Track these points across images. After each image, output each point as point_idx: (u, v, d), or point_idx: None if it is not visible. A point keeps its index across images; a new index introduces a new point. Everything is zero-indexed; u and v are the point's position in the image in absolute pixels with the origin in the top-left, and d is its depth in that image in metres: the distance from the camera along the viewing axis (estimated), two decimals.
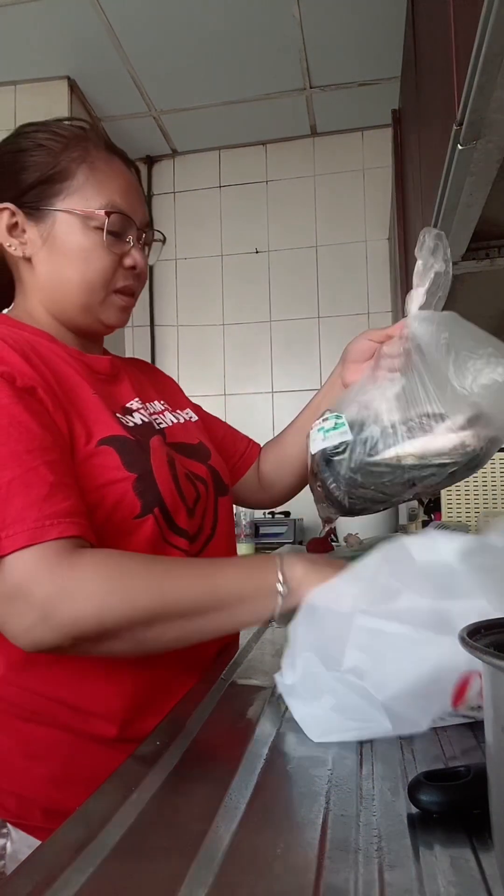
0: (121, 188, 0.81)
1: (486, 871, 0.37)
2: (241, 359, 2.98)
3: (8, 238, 0.80)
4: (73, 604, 0.61)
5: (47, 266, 0.80)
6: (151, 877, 0.37)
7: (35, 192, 0.79)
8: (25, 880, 0.37)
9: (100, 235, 0.79)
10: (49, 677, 0.73)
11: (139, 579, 0.64)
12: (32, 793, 0.73)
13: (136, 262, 0.82)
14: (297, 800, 0.46)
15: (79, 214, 0.78)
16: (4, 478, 0.63)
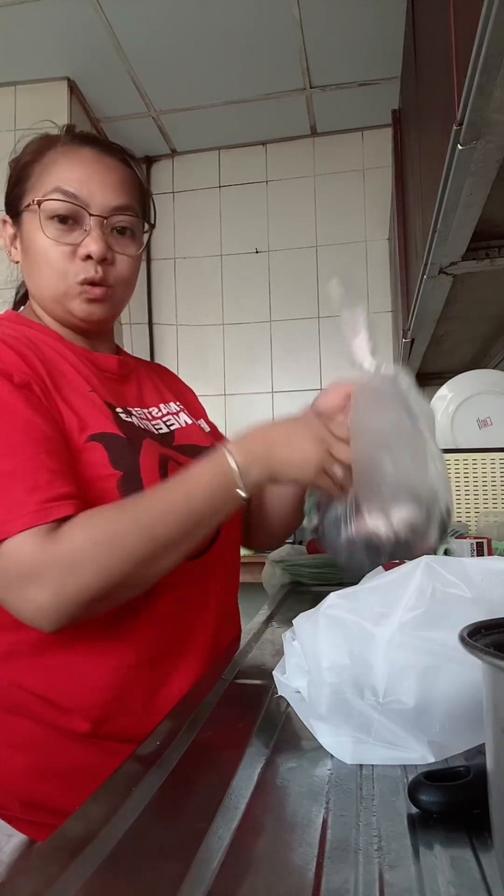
0: (73, 175, 0.78)
1: (486, 871, 0.37)
2: (241, 358, 2.98)
3: (10, 247, 0.85)
4: (80, 578, 0.63)
5: (25, 269, 0.84)
6: (151, 877, 0.37)
7: (10, 200, 0.83)
8: (26, 880, 0.37)
9: (52, 225, 0.78)
10: (27, 670, 0.74)
11: (128, 532, 0.67)
12: (11, 783, 0.73)
13: (89, 251, 0.78)
14: (297, 800, 0.46)
15: (30, 210, 0.79)
16: (7, 465, 0.65)
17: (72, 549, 0.64)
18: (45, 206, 0.78)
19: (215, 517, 0.72)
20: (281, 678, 0.62)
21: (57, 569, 0.63)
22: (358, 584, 0.59)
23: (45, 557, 0.63)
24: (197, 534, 0.71)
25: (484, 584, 0.53)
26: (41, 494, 0.65)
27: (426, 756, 0.50)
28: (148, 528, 0.67)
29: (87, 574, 0.64)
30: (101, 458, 0.74)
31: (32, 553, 0.63)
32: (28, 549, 0.63)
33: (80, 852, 0.39)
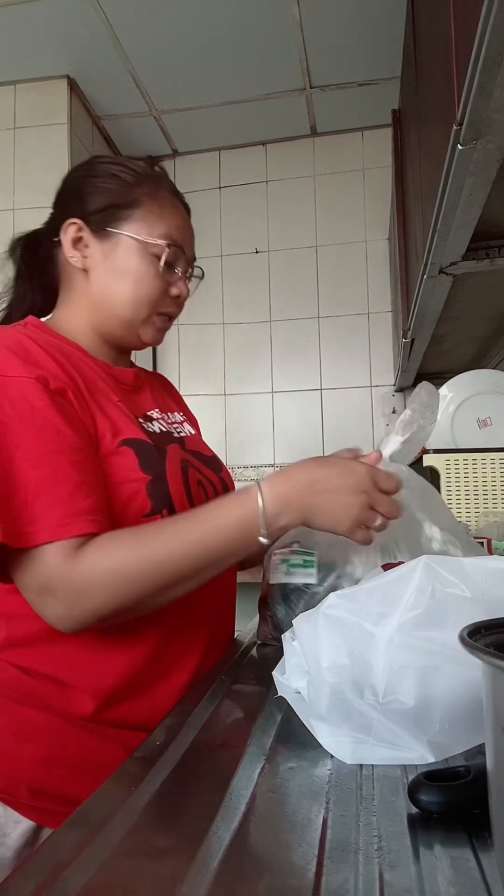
0: (179, 226, 0.90)
1: (486, 871, 0.37)
2: (241, 358, 2.98)
3: (72, 250, 0.88)
4: (91, 602, 0.69)
5: (103, 280, 0.88)
6: (151, 877, 0.37)
7: (104, 214, 0.87)
8: (26, 880, 0.37)
9: (155, 262, 0.87)
10: (40, 656, 0.78)
11: (139, 563, 0.70)
12: (20, 771, 0.76)
13: (181, 292, 0.91)
14: (297, 800, 0.46)
15: (141, 240, 0.87)
16: (34, 476, 0.69)
17: (86, 575, 0.68)
18: (153, 247, 0.87)
19: (232, 559, 0.74)
20: (281, 678, 0.62)
21: (71, 590, 0.68)
22: (358, 584, 0.59)
23: (61, 576, 0.68)
24: (210, 572, 0.74)
25: (483, 584, 0.53)
26: (60, 510, 0.69)
27: (426, 756, 0.50)
28: (163, 565, 0.70)
29: (98, 599, 0.69)
30: (132, 463, 0.79)
31: (51, 568, 0.68)
32: (48, 563, 0.68)
33: (81, 852, 0.39)
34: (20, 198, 2.57)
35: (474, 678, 0.45)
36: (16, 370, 0.74)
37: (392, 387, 2.81)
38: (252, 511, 0.71)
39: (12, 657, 0.79)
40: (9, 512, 0.67)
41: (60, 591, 0.68)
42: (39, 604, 0.70)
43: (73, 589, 0.68)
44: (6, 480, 0.68)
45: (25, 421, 0.71)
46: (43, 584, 0.69)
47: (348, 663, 0.53)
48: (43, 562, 0.68)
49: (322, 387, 2.90)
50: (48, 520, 0.68)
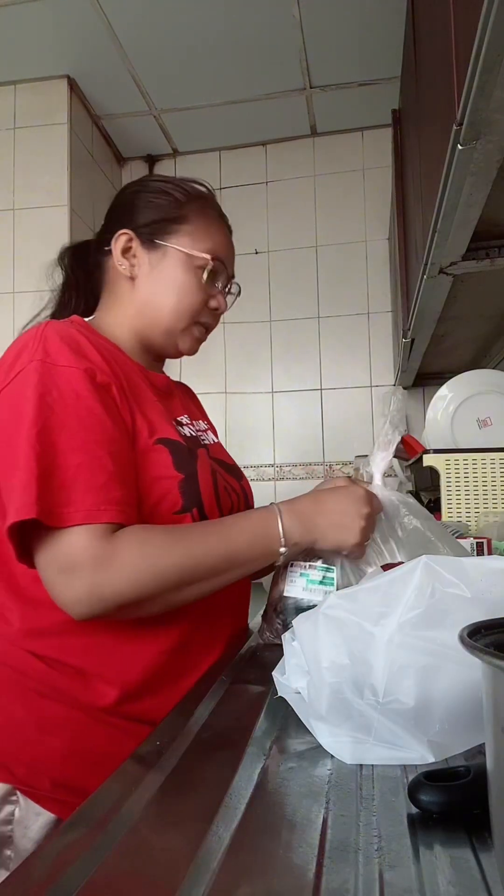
0: (223, 244, 0.96)
1: (486, 871, 0.37)
2: (242, 358, 2.98)
3: (121, 258, 0.93)
4: (115, 584, 0.71)
5: (148, 288, 0.93)
6: (151, 877, 0.37)
7: (154, 227, 0.93)
8: (26, 880, 0.37)
9: (199, 275, 0.93)
10: (64, 643, 0.79)
11: (168, 556, 0.74)
12: (42, 763, 0.77)
13: (220, 306, 0.97)
14: (297, 800, 0.46)
15: (187, 253, 0.92)
16: (74, 461, 0.72)
17: (116, 557, 0.71)
18: (198, 260, 0.92)
19: (250, 566, 0.79)
20: (281, 679, 0.62)
21: (99, 568, 0.70)
22: (357, 584, 0.59)
23: (89, 556, 0.70)
24: (228, 577, 0.78)
25: (483, 584, 0.53)
26: (95, 496, 0.72)
27: (426, 756, 0.50)
28: (188, 563, 0.74)
29: (122, 583, 0.71)
30: (166, 461, 0.83)
31: (82, 548, 0.70)
32: (76, 543, 0.70)
33: (81, 852, 0.39)
34: (20, 198, 2.57)
35: (474, 678, 0.45)
36: (67, 360, 0.77)
37: (392, 387, 2.81)
38: (273, 525, 0.79)
39: (36, 646, 0.80)
40: (47, 491, 0.70)
41: (86, 571, 0.69)
42: (59, 583, 0.71)
43: (99, 569, 0.70)
44: (47, 461, 0.71)
45: (70, 408, 0.74)
46: (67, 563, 0.70)
47: (348, 663, 0.53)
48: (71, 542, 0.70)
49: (322, 387, 2.90)
50: (83, 503, 0.70)
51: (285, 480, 2.85)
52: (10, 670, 0.80)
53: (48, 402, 0.74)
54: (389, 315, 2.82)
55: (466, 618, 0.41)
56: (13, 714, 0.79)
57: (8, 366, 0.79)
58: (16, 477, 0.71)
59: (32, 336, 0.80)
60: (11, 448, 0.73)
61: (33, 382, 0.75)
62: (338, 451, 2.84)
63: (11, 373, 0.78)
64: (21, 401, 0.74)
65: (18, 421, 0.73)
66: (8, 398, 0.76)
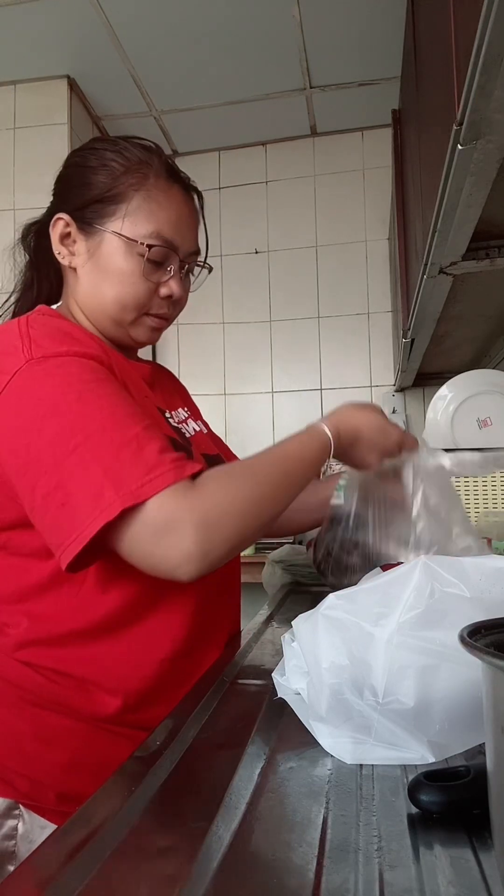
0: (170, 219, 0.83)
1: (486, 871, 0.37)
2: (242, 358, 2.98)
3: (59, 246, 0.84)
4: (223, 529, 0.67)
5: (88, 279, 0.84)
6: (151, 877, 0.37)
7: (91, 209, 0.82)
8: (26, 880, 0.37)
9: (140, 262, 0.81)
10: (65, 654, 0.77)
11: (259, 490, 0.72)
12: (46, 776, 0.75)
13: (171, 292, 0.84)
14: (297, 800, 0.46)
15: (124, 239, 0.81)
16: (131, 433, 0.68)
17: (214, 503, 0.67)
18: (137, 246, 0.81)
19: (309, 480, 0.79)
20: (280, 680, 0.62)
21: (202, 521, 0.65)
22: (357, 585, 0.59)
23: (189, 510, 0.65)
24: (297, 492, 0.77)
25: (482, 584, 0.53)
26: (170, 454, 0.68)
27: (426, 756, 0.50)
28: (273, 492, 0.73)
29: (230, 528, 0.67)
30: None
31: (177, 506, 0.65)
32: (172, 504, 0.65)
33: (81, 852, 0.39)
34: (20, 198, 2.57)
35: (474, 678, 0.45)
36: (69, 348, 0.72)
37: (392, 387, 2.81)
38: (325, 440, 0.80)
39: (34, 658, 0.77)
40: (123, 473, 0.65)
41: (189, 526, 0.65)
42: (161, 549, 0.65)
43: (203, 520, 0.65)
44: (107, 446, 0.66)
45: (97, 390, 0.70)
46: (165, 525, 0.65)
47: (348, 664, 0.53)
48: (162, 506, 0.65)
49: (322, 387, 2.90)
50: (164, 465, 0.66)
51: None
52: (7, 684, 0.78)
53: (74, 394, 0.68)
54: (389, 315, 2.82)
55: (466, 618, 0.41)
56: (13, 728, 0.77)
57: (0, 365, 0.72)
58: (71, 482, 0.65)
59: (15, 334, 0.73)
60: (51, 454, 0.66)
61: (47, 380, 0.69)
62: None
63: (2, 376, 0.70)
64: (40, 402, 0.68)
65: (48, 425, 0.67)
66: (13, 402, 0.69)
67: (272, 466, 0.76)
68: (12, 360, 0.71)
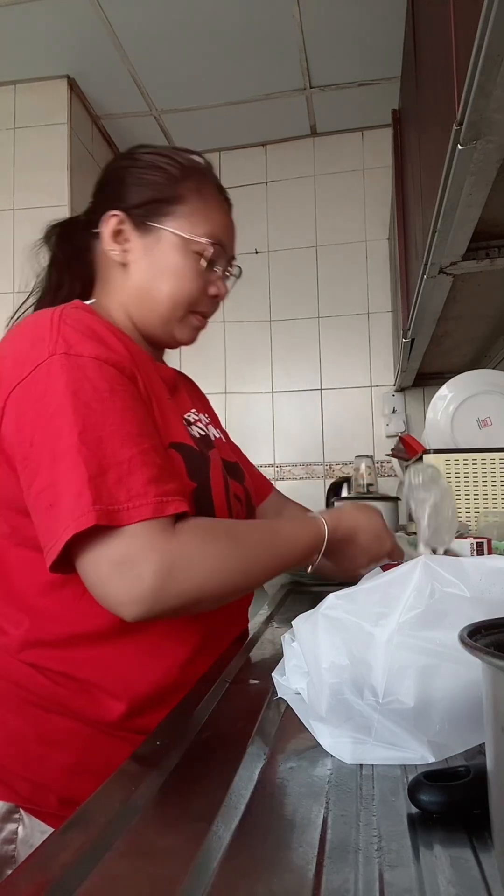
0: (223, 224, 0.89)
1: (486, 871, 0.37)
2: (242, 358, 2.98)
3: (112, 242, 0.86)
4: (181, 581, 0.66)
5: (142, 275, 0.86)
6: (151, 877, 0.37)
7: (147, 208, 0.85)
8: (26, 880, 0.37)
9: (197, 260, 0.86)
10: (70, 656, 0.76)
11: (236, 558, 0.71)
12: (48, 780, 0.75)
13: (219, 292, 0.91)
14: (297, 800, 0.46)
15: (184, 237, 0.85)
16: (125, 455, 0.67)
17: (183, 553, 0.67)
18: (196, 245, 0.85)
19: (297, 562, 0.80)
20: (280, 680, 0.62)
21: (164, 565, 0.65)
22: (357, 585, 0.59)
23: (155, 551, 0.65)
24: (277, 571, 0.78)
25: (483, 584, 0.53)
26: (157, 487, 0.67)
27: (426, 756, 0.50)
28: (250, 567, 0.73)
29: (188, 581, 0.66)
30: (180, 468, 0.78)
31: (145, 545, 0.65)
32: (141, 540, 0.65)
33: (80, 852, 0.39)
34: (20, 198, 2.56)
35: (474, 678, 0.45)
36: (92, 351, 0.72)
37: (392, 387, 2.80)
38: (320, 531, 0.81)
39: (40, 659, 0.76)
40: (102, 492, 0.64)
41: (150, 569, 0.64)
42: (115, 582, 0.64)
43: (166, 568, 0.64)
44: (97, 461, 0.65)
45: (107, 402, 0.69)
46: (127, 557, 0.64)
47: (348, 664, 0.53)
48: (133, 539, 0.64)
49: (322, 387, 2.90)
50: (146, 497, 0.66)
51: (285, 480, 2.85)
52: (10, 685, 0.77)
53: (84, 399, 0.68)
54: (389, 315, 2.82)
55: (466, 618, 0.41)
56: (16, 730, 0.76)
57: (21, 356, 0.72)
58: (60, 484, 0.65)
59: (46, 325, 0.73)
60: (49, 452, 0.67)
61: (63, 379, 0.68)
62: (338, 451, 2.84)
63: (27, 364, 0.70)
64: (52, 400, 0.68)
65: (53, 423, 0.67)
66: (31, 393, 0.69)
67: (258, 536, 0.76)
68: (38, 351, 0.71)
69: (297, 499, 1.16)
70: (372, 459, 2.58)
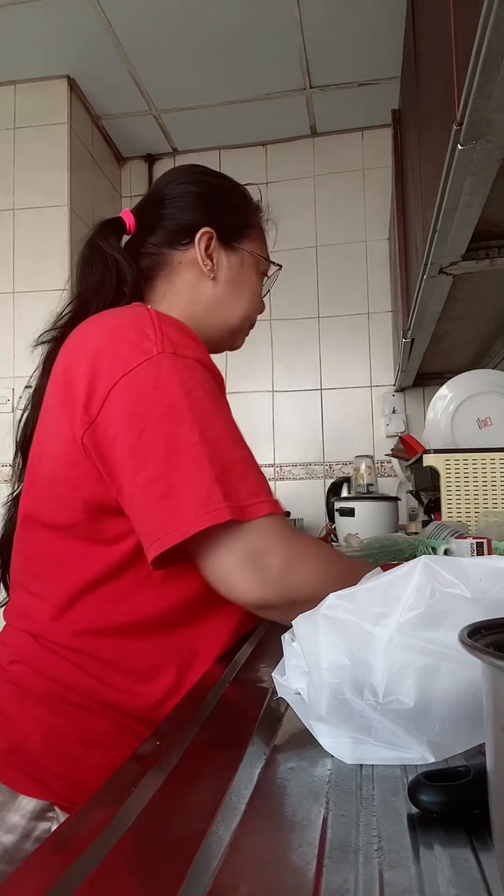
0: (267, 246, 1.02)
1: (486, 871, 0.37)
2: (242, 358, 2.98)
3: (205, 257, 0.92)
4: (302, 572, 0.71)
5: (226, 290, 0.95)
6: (151, 877, 0.37)
7: (234, 229, 0.95)
8: (26, 880, 0.37)
9: (262, 279, 0.99)
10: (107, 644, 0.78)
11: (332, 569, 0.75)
12: (85, 779, 0.75)
13: (263, 308, 1.03)
14: (297, 800, 0.46)
15: (261, 258, 0.98)
16: (238, 455, 0.72)
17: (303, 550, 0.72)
18: (264, 265, 0.99)
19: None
20: (280, 680, 0.62)
21: (290, 556, 0.70)
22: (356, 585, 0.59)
23: (282, 543, 0.70)
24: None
25: (483, 584, 0.53)
26: (267, 487, 0.73)
27: (426, 756, 0.50)
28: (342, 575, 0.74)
29: (307, 574, 0.71)
30: None
31: (273, 537, 0.70)
32: (269, 533, 0.70)
33: (80, 852, 0.39)
34: (20, 198, 2.57)
35: (474, 678, 0.45)
36: (196, 354, 0.76)
37: (392, 387, 2.81)
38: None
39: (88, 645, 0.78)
40: (230, 488, 0.68)
41: (277, 557, 0.69)
42: (244, 570, 0.69)
43: (290, 556, 0.70)
44: (219, 459, 0.69)
45: (215, 403, 0.74)
46: (256, 550, 0.69)
47: (348, 664, 0.53)
48: (262, 531, 0.69)
49: (322, 387, 2.90)
50: (263, 495, 0.71)
51: (285, 480, 2.85)
52: (53, 683, 0.77)
53: (196, 399, 0.71)
54: (389, 315, 2.82)
55: (466, 618, 0.41)
56: (55, 729, 0.76)
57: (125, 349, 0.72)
58: (180, 478, 0.68)
59: (147, 322, 0.75)
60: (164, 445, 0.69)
61: (175, 377, 0.71)
62: (338, 451, 2.84)
63: (132, 358, 0.72)
64: (164, 395, 0.70)
65: (168, 418, 0.69)
66: (141, 386, 0.71)
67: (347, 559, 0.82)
68: (144, 346, 0.73)
69: (297, 498, 1.17)
70: (372, 459, 2.59)
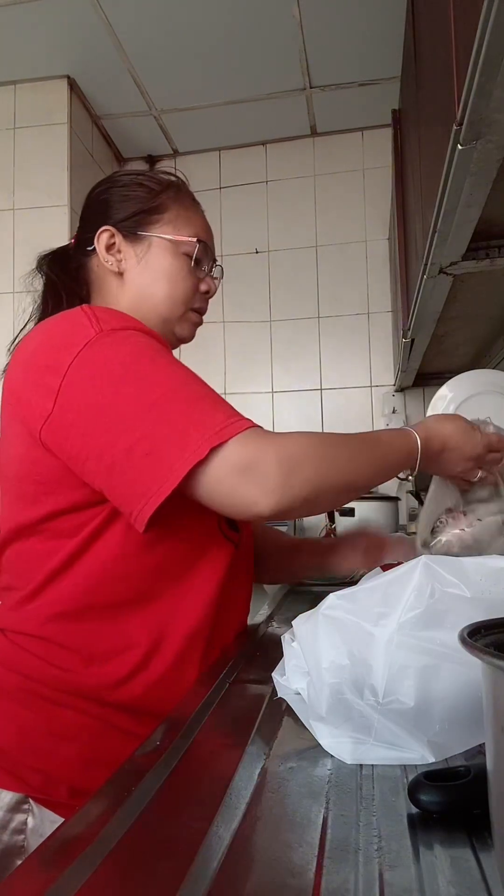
0: (203, 226, 0.97)
1: (486, 871, 0.37)
2: (242, 358, 2.98)
3: (107, 255, 0.93)
4: (302, 472, 0.71)
5: (138, 281, 0.93)
6: (151, 877, 0.37)
7: (134, 220, 0.93)
8: (26, 879, 0.37)
9: (187, 260, 0.93)
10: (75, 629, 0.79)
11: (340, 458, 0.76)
12: (59, 771, 0.76)
13: (210, 288, 0.97)
14: (297, 800, 0.46)
15: (172, 240, 0.93)
16: (203, 391, 0.75)
17: (296, 445, 0.72)
18: (184, 246, 0.93)
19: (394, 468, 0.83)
20: (280, 680, 0.62)
21: (284, 456, 0.70)
22: (357, 585, 0.59)
23: (272, 447, 0.70)
24: (375, 481, 0.81)
25: (483, 584, 0.53)
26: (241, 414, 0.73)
27: (426, 756, 0.50)
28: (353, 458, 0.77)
29: (309, 469, 0.71)
30: None
31: (259, 444, 0.70)
32: (254, 442, 0.70)
33: (81, 852, 0.39)
34: (20, 198, 2.56)
35: (474, 678, 0.45)
36: (135, 325, 0.79)
37: (392, 387, 2.80)
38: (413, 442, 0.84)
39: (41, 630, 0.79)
40: (206, 421, 0.70)
41: (271, 462, 0.69)
42: (242, 486, 0.69)
43: (286, 457, 0.70)
44: (187, 399, 0.72)
45: (166, 357, 0.76)
46: (248, 461, 0.69)
47: (348, 664, 0.53)
48: (248, 443, 0.70)
49: (322, 387, 2.90)
50: (240, 416, 0.72)
51: None
52: (20, 678, 0.79)
53: (148, 356, 0.74)
54: (389, 315, 2.82)
55: (466, 618, 0.41)
56: (26, 723, 0.78)
57: (64, 343, 0.76)
58: (157, 433, 0.69)
59: (80, 315, 0.78)
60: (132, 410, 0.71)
61: (121, 347, 0.75)
62: None
63: (73, 347, 0.75)
64: (115, 366, 0.73)
65: (126, 385, 0.72)
66: (89, 367, 0.74)
67: (360, 437, 0.81)
68: (82, 333, 0.76)
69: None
70: None
